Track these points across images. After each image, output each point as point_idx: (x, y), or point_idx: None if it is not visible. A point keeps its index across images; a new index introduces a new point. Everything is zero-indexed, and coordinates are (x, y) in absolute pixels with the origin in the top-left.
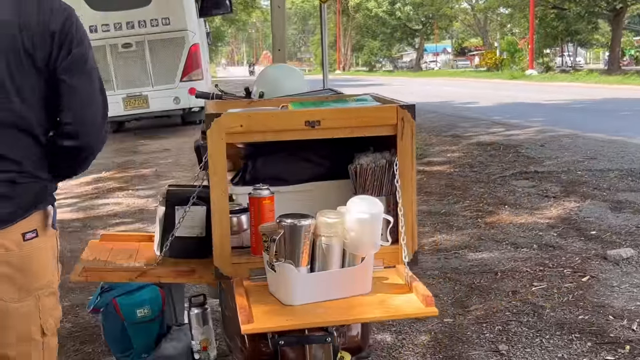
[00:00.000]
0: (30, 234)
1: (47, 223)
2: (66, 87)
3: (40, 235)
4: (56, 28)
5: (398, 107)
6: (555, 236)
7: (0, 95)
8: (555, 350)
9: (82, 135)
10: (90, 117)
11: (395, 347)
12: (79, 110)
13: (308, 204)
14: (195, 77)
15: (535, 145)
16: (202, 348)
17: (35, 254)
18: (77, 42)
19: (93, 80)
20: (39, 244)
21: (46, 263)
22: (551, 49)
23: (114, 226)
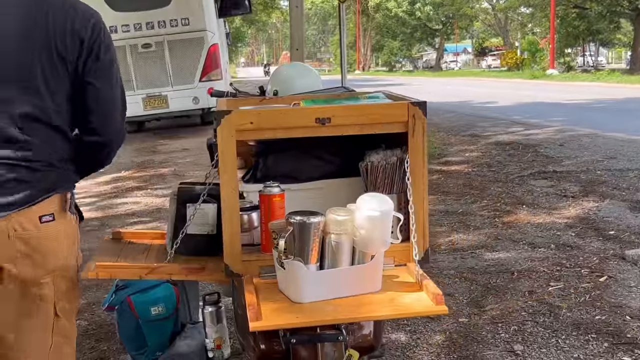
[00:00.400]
0: (47, 217)
1: (64, 208)
2: (93, 89)
3: (57, 219)
4: (85, 34)
5: (409, 104)
6: (573, 236)
7: (36, 98)
8: (571, 351)
9: (104, 133)
10: (113, 116)
11: (410, 347)
12: (103, 110)
13: (319, 202)
14: (215, 77)
15: (554, 145)
16: (216, 346)
17: (52, 237)
18: (105, 49)
19: (117, 82)
20: (56, 227)
21: (62, 246)
22: (572, 49)
23: (132, 225)
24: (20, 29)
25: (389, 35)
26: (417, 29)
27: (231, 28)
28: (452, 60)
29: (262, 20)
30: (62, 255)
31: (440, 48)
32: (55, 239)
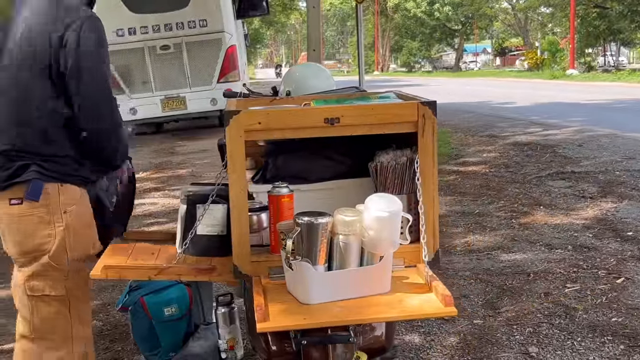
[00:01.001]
0: (16, 200)
1: (31, 193)
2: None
3: (24, 203)
4: (66, 35)
5: (419, 104)
6: (591, 237)
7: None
8: (586, 353)
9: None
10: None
11: (424, 349)
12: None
13: (329, 202)
14: (232, 78)
15: (573, 145)
16: (229, 347)
17: (21, 219)
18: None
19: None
20: (23, 210)
21: (32, 229)
22: (593, 49)
23: (149, 226)
24: None
25: (408, 36)
26: (436, 30)
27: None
28: (471, 60)
29: (280, 22)
30: (34, 237)
31: (459, 48)
32: (23, 222)
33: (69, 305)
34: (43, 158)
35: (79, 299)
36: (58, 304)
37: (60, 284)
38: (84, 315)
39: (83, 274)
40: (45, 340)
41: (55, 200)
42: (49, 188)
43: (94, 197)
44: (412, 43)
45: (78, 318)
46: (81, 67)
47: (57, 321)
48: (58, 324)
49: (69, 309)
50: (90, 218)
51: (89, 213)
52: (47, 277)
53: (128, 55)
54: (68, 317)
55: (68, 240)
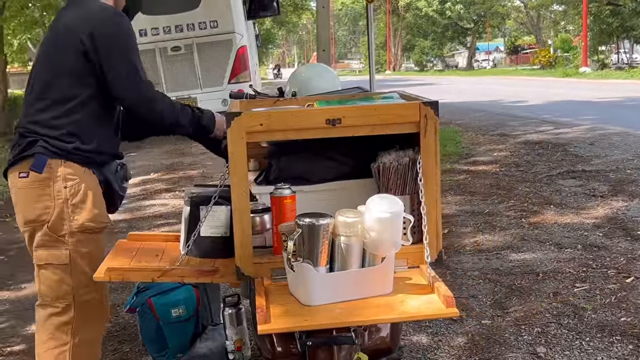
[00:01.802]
0: (23, 173)
1: (35, 165)
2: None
3: (30, 176)
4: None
5: (421, 104)
6: (601, 236)
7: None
8: (595, 353)
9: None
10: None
11: (431, 349)
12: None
13: (332, 204)
14: (243, 79)
15: (584, 144)
16: (237, 348)
17: (26, 191)
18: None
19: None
20: (28, 184)
21: (35, 200)
22: (606, 46)
23: (159, 227)
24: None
25: (420, 35)
26: (448, 28)
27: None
28: (484, 59)
29: (292, 22)
30: (37, 208)
31: (472, 47)
32: (28, 193)
33: (71, 273)
34: (51, 136)
35: (84, 270)
36: (61, 272)
37: (62, 252)
38: (89, 283)
39: (90, 245)
40: (51, 306)
41: (57, 174)
42: (52, 163)
43: (103, 179)
44: (424, 42)
45: (82, 286)
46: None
47: (61, 289)
48: (61, 291)
49: (72, 277)
50: (94, 195)
51: (92, 190)
52: (50, 247)
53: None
54: (71, 285)
55: (67, 212)
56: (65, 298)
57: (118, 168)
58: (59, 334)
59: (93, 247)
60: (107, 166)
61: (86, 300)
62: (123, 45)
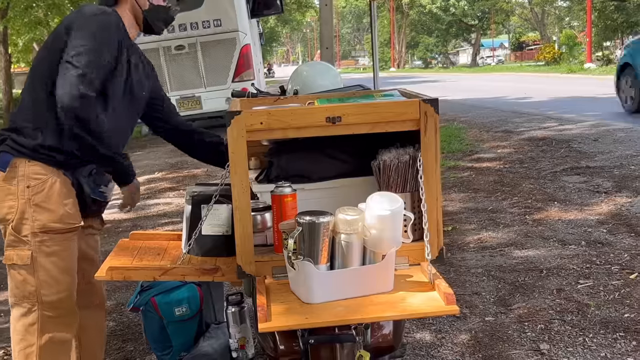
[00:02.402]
0: None
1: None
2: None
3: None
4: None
5: (420, 102)
6: (605, 232)
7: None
8: (598, 350)
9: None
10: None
11: (434, 346)
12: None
13: (333, 201)
14: (247, 77)
15: (588, 140)
16: (240, 346)
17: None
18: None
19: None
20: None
21: (1, 199)
22: (611, 42)
23: (163, 226)
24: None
25: (424, 32)
26: (452, 25)
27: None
28: (488, 55)
29: (296, 20)
30: (2, 207)
31: (476, 44)
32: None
33: (34, 274)
34: (18, 135)
35: (48, 269)
36: (25, 273)
37: (24, 253)
38: (55, 286)
39: (56, 246)
40: (20, 306)
41: (22, 174)
42: (16, 162)
43: (76, 183)
44: (429, 39)
45: (47, 286)
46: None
47: (25, 289)
48: (25, 292)
49: (35, 277)
50: (61, 195)
51: (59, 191)
52: (14, 247)
53: None
54: (34, 285)
55: (29, 212)
56: (30, 298)
57: (92, 172)
58: (26, 335)
59: (59, 248)
60: (79, 169)
61: (51, 300)
62: (85, 41)
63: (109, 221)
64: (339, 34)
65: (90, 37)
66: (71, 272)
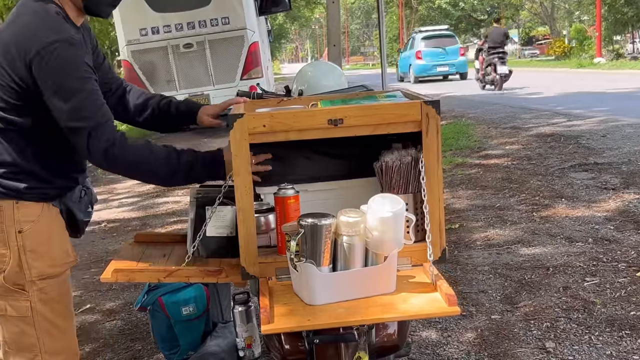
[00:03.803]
0: None
1: None
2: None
3: None
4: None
5: (422, 103)
6: (612, 229)
7: None
8: (604, 348)
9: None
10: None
11: (440, 344)
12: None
13: (335, 203)
14: (255, 75)
15: (596, 136)
16: (247, 345)
17: None
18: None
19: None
20: None
21: None
22: (621, 36)
23: (171, 224)
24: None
25: None
26: (461, 20)
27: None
28: None
29: (305, 16)
30: None
31: None
32: None
33: (34, 325)
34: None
35: (48, 317)
36: (22, 324)
37: (21, 304)
38: (57, 333)
39: (54, 291)
40: (16, 356)
41: (10, 218)
42: (3, 205)
43: (65, 210)
44: None
45: (48, 336)
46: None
47: (23, 341)
48: (24, 344)
49: (35, 329)
50: (56, 233)
51: (53, 229)
52: (6, 297)
53: (152, 54)
54: (35, 336)
55: (24, 260)
56: (31, 350)
57: (82, 194)
58: None
59: (57, 292)
60: (68, 194)
61: (54, 348)
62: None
63: (117, 220)
64: (347, 30)
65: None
66: (70, 312)
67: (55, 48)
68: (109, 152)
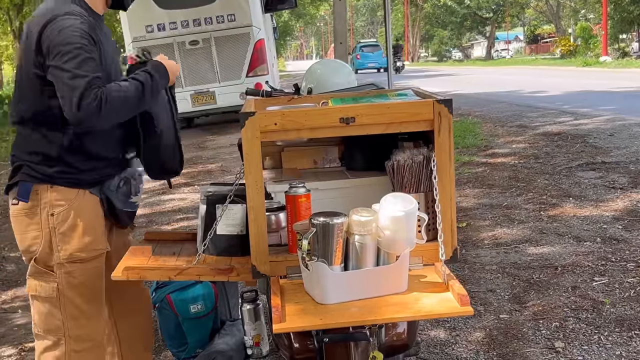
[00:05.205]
0: (14, 200)
1: (20, 194)
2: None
3: (19, 204)
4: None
5: (435, 102)
6: (620, 229)
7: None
8: (613, 348)
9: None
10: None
11: (449, 344)
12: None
13: (346, 202)
14: (261, 72)
15: (603, 135)
16: (255, 343)
17: (16, 219)
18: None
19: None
20: (18, 212)
21: (24, 229)
22: (627, 35)
23: (178, 221)
24: None
25: (439, 25)
26: (467, 18)
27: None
28: (503, 48)
29: (310, 13)
30: (26, 238)
31: (491, 36)
32: (16, 222)
33: (60, 307)
34: (34, 159)
35: (75, 302)
36: (50, 306)
37: (49, 285)
38: (82, 319)
39: (83, 276)
40: (44, 339)
41: (44, 201)
42: (38, 189)
43: (105, 199)
44: (443, 32)
45: (73, 319)
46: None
47: (50, 322)
48: (51, 326)
49: (61, 311)
50: (88, 220)
51: (85, 215)
52: (38, 278)
53: (158, 51)
54: (60, 319)
55: (54, 242)
56: (56, 332)
57: (120, 184)
58: None
59: (86, 278)
60: (106, 183)
61: (79, 334)
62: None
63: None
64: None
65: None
66: (98, 301)
67: (58, 20)
68: (100, 107)
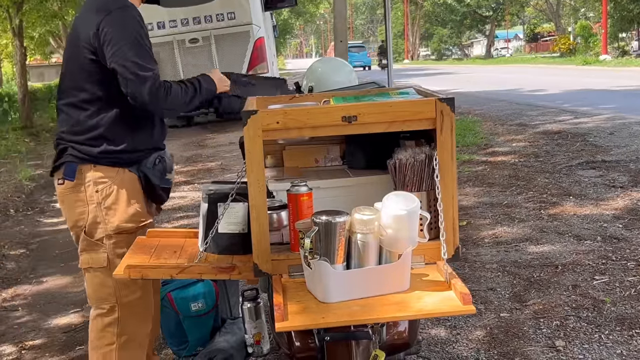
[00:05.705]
0: (60, 180)
1: (66, 174)
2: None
3: (65, 184)
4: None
5: (437, 101)
6: (621, 228)
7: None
8: (614, 347)
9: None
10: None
11: (450, 342)
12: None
13: (349, 200)
14: (261, 70)
15: (604, 133)
16: (255, 342)
17: (63, 198)
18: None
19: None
20: (64, 190)
21: (71, 206)
22: (627, 33)
23: (178, 220)
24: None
25: (438, 23)
26: (466, 16)
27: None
28: (503, 47)
29: (310, 12)
30: (74, 213)
31: (490, 35)
32: (64, 199)
33: (110, 275)
34: (77, 142)
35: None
36: (102, 275)
37: (100, 256)
38: (133, 285)
39: (128, 246)
40: (98, 308)
41: (89, 179)
42: (82, 169)
43: (142, 176)
44: (443, 30)
45: (125, 287)
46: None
47: (102, 291)
48: (103, 294)
49: (112, 278)
50: (129, 194)
51: (126, 190)
52: (89, 251)
53: (157, 49)
54: (112, 287)
55: (101, 215)
56: (108, 300)
57: (156, 161)
58: (105, 335)
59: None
60: (143, 162)
61: (129, 301)
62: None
63: None
64: (352, 26)
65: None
66: None
67: (119, 12)
68: (162, 93)
